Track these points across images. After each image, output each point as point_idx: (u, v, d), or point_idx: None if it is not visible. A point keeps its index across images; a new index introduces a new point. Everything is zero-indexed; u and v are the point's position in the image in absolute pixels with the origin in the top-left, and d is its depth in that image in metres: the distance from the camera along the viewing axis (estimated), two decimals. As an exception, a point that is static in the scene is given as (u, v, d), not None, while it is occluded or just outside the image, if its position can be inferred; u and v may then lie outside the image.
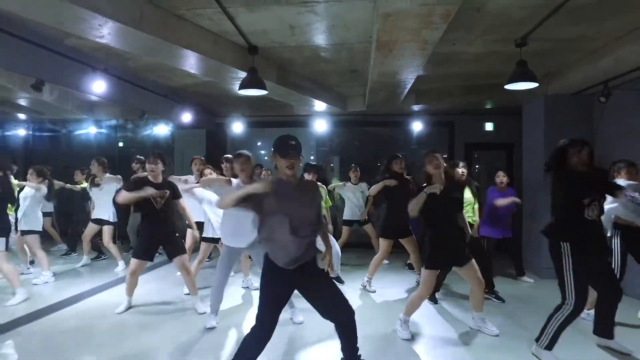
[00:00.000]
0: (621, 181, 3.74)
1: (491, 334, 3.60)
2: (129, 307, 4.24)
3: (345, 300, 2.57)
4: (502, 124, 7.71)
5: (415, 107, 6.96)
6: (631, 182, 3.75)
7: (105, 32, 3.23)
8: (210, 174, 4.30)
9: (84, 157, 7.11)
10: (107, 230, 5.70)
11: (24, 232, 5.06)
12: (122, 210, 5.97)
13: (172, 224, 4.11)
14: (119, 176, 5.84)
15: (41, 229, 5.17)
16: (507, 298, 4.63)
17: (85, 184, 6.46)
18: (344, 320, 2.57)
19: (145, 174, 4.18)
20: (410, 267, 6.00)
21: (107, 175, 5.68)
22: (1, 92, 6.03)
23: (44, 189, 5.13)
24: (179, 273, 4.75)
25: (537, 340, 3.13)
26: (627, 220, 3.77)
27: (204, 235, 4.61)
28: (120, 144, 9.31)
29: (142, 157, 6.25)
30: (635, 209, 3.64)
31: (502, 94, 5.05)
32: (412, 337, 3.54)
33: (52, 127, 7.95)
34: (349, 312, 2.56)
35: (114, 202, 5.51)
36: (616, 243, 3.87)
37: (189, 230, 4.91)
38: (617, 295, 3.08)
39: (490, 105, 7.08)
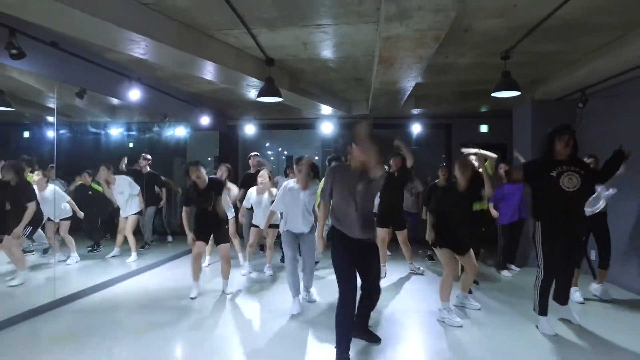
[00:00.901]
0: None
1: (474, 308, 4.18)
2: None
3: (379, 275, 3.35)
4: (495, 126, 8.27)
5: (415, 111, 7.54)
6: None
7: (149, 50, 3.81)
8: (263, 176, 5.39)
9: (107, 157, 7.71)
10: (131, 221, 6.32)
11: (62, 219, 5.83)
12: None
13: (220, 216, 4.72)
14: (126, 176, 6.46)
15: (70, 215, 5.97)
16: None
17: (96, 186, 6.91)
18: (372, 285, 3.24)
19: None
20: (430, 258, 6.54)
21: (114, 176, 6.33)
22: (36, 97, 6.63)
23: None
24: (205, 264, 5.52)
25: (534, 309, 3.72)
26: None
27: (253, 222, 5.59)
28: (131, 145, 9.91)
29: (148, 156, 7.08)
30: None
31: (493, 99, 5.60)
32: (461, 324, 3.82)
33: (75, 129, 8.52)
34: (378, 282, 3.29)
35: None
36: None
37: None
38: (564, 270, 3.72)
39: (484, 109, 7.64)
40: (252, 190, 5.59)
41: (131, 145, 9.73)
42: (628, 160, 3.66)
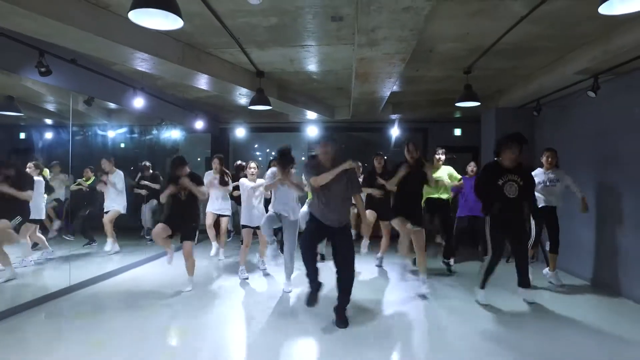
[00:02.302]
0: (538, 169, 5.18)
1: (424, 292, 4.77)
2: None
3: (353, 260, 3.87)
4: (468, 130, 8.97)
5: (393, 116, 8.21)
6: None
7: (155, 66, 4.38)
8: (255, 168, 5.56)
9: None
10: (113, 213, 6.71)
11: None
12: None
13: (190, 211, 4.96)
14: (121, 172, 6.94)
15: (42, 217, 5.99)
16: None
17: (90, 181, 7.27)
18: (344, 272, 3.83)
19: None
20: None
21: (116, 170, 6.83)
22: (42, 102, 7.12)
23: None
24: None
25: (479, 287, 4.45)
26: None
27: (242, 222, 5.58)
28: (122, 145, 10.40)
29: (148, 163, 7.64)
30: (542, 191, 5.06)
31: (461, 107, 6.30)
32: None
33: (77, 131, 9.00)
34: (351, 269, 3.86)
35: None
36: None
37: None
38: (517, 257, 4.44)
39: (457, 115, 8.35)
40: (244, 180, 5.60)
41: (122, 145, 10.25)
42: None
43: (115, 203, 6.77)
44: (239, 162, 7.29)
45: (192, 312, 4.21)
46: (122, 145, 10.45)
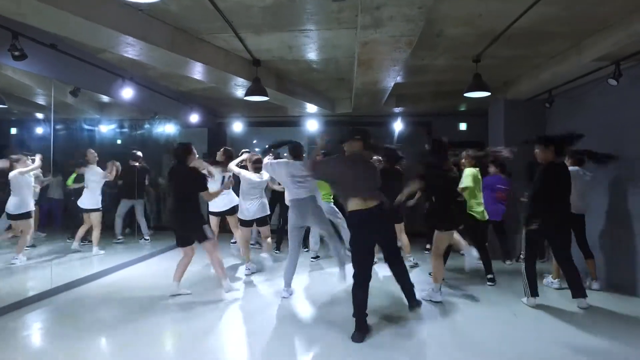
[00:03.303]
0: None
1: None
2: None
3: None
4: (473, 124, 8.64)
5: (396, 109, 7.90)
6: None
7: (143, 52, 4.08)
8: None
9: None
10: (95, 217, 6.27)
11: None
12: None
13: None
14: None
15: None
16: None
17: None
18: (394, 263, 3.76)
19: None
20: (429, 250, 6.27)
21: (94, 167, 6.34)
22: (29, 94, 6.81)
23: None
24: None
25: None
26: None
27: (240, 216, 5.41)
28: (118, 141, 10.10)
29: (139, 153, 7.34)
30: None
31: (469, 98, 5.94)
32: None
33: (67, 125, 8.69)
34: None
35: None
36: None
37: None
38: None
39: (462, 108, 8.04)
40: (245, 173, 5.34)
41: (119, 142, 9.94)
42: None
43: (92, 201, 6.27)
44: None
45: (183, 320, 3.89)
46: (119, 141, 10.19)
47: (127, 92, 5.23)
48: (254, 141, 10.84)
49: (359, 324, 3.39)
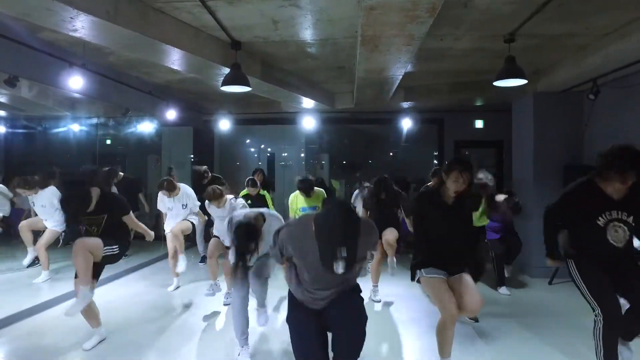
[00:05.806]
0: None
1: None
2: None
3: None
4: (491, 121, 7.67)
5: (404, 104, 6.89)
6: None
7: (78, 25, 3.09)
8: None
9: (62, 156, 6.92)
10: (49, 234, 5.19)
11: None
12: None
13: None
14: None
15: None
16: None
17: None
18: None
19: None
20: None
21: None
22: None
23: None
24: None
25: None
26: None
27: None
28: (108, 142, 9.16)
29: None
30: None
31: (492, 91, 4.98)
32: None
33: (27, 124, 7.71)
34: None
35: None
36: None
37: None
38: None
39: (479, 103, 7.03)
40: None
41: (108, 142, 9.02)
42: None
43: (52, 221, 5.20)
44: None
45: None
46: (108, 141, 9.27)
47: (76, 81, 4.23)
48: (247, 141, 9.87)
49: None
